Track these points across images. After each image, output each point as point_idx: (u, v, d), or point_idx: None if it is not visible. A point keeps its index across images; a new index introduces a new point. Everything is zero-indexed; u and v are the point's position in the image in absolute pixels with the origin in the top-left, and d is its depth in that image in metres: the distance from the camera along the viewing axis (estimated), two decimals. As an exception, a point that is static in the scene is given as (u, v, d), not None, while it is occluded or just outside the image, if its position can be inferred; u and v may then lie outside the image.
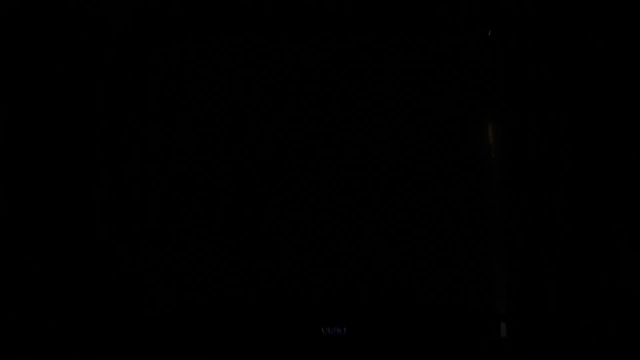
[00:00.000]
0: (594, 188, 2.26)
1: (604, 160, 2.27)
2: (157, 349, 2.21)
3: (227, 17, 2.33)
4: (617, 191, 2.26)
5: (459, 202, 2.25)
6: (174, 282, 2.24)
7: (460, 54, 2.30)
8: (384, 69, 2.29)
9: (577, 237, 2.25)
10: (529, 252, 2.26)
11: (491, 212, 2.27)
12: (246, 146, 2.28)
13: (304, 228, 2.24)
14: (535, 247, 2.26)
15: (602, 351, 2.20)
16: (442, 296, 2.22)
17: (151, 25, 2.33)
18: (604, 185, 2.26)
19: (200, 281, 2.24)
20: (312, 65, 2.30)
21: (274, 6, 2.32)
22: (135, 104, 2.31)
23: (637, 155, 2.27)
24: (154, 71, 2.31)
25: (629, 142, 2.27)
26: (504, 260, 2.25)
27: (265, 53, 2.30)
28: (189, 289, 2.24)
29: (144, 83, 2.31)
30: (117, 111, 2.30)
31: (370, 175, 2.26)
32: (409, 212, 2.25)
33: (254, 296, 2.23)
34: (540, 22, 2.31)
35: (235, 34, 2.31)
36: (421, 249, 2.23)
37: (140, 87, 2.31)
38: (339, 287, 2.22)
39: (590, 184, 2.26)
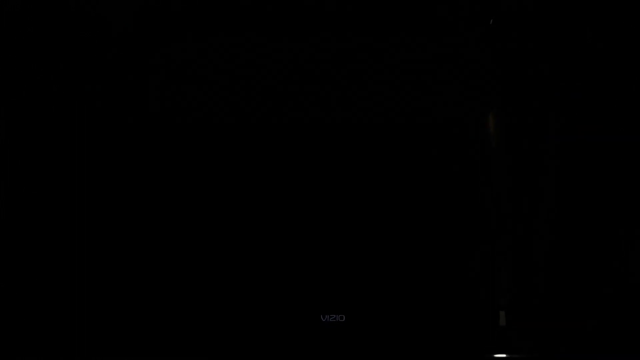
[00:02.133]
0: (594, 187, 2.26)
1: (605, 159, 2.27)
2: (157, 348, 2.22)
3: (227, 17, 2.33)
4: (617, 191, 2.26)
5: (458, 198, 2.26)
6: (174, 278, 2.25)
7: (460, 54, 2.30)
8: (384, 69, 2.30)
9: (577, 237, 2.25)
10: (529, 252, 2.26)
11: (492, 210, 2.27)
12: (246, 145, 2.28)
13: (303, 219, 2.25)
14: (535, 246, 2.26)
15: (602, 351, 2.20)
16: (439, 287, 2.23)
17: (151, 25, 2.33)
18: (604, 184, 2.26)
19: (198, 275, 2.24)
20: (312, 65, 2.30)
21: (274, 6, 2.32)
22: (135, 104, 2.31)
23: (638, 155, 2.27)
24: (154, 71, 2.31)
25: (629, 142, 2.27)
26: (503, 259, 2.26)
27: (265, 53, 2.31)
28: (187, 283, 2.24)
29: (144, 83, 2.31)
30: (117, 111, 2.30)
31: (371, 172, 2.27)
32: (408, 208, 2.26)
33: (252, 288, 2.23)
34: (540, 22, 2.31)
35: (235, 34, 2.32)
36: (419, 241, 2.24)
37: (140, 87, 2.31)
38: (337, 276, 2.24)
39: (591, 183, 2.26)
